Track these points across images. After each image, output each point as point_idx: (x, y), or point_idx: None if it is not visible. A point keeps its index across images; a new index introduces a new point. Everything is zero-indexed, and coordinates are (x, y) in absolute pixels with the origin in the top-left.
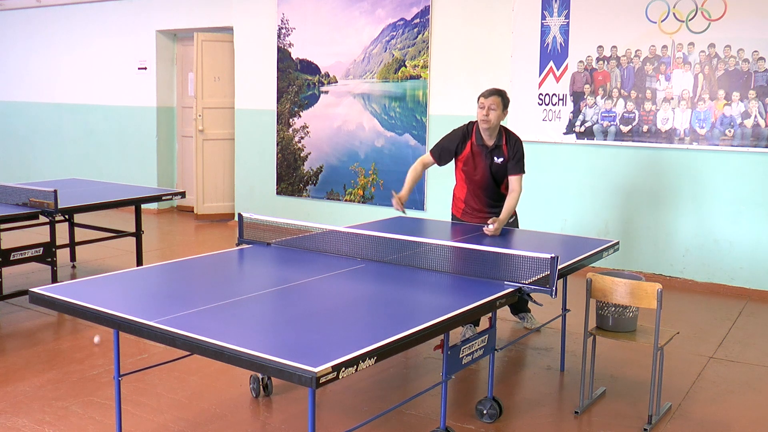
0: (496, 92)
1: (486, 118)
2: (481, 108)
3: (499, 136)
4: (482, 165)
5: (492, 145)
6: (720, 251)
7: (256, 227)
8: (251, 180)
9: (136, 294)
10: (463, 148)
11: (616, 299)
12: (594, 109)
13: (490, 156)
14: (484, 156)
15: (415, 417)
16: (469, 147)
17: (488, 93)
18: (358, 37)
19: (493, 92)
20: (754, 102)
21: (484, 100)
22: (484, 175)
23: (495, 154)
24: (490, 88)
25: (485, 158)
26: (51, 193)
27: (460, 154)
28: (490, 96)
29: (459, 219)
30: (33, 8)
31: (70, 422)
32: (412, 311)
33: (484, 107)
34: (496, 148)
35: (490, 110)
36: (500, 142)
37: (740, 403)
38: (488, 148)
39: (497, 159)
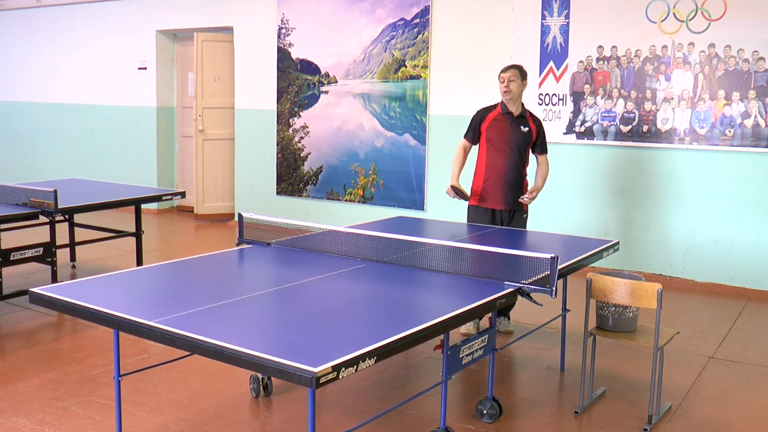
0: (513, 66)
1: (507, 89)
2: (502, 82)
3: (524, 109)
4: (508, 130)
5: (517, 114)
6: (720, 251)
7: (256, 227)
8: (251, 180)
9: (136, 294)
10: (487, 115)
11: (616, 299)
12: (594, 109)
13: (516, 123)
14: (509, 123)
15: (415, 417)
16: (493, 114)
17: (506, 68)
18: (358, 37)
19: (510, 66)
20: (754, 102)
21: (503, 74)
22: (511, 141)
23: (521, 123)
24: (509, 64)
25: (511, 124)
26: (51, 193)
27: (484, 121)
28: (508, 70)
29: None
30: (33, 8)
31: (70, 422)
32: (412, 311)
33: (504, 80)
34: (522, 118)
35: (510, 82)
36: (525, 114)
37: (740, 403)
38: (513, 117)
39: (523, 128)
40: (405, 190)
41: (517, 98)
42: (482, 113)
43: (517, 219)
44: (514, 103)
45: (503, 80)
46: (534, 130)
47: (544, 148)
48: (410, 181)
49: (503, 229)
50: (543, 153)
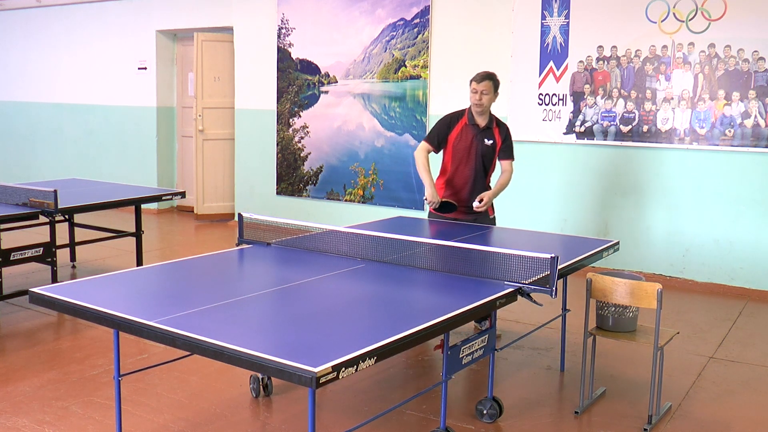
0: (487, 76)
1: (479, 102)
2: (474, 93)
3: (490, 120)
4: (473, 143)
5: (483, 126)
6: (720, 251)
7: (256, 227)
8: (251, 180)
9: (136, 294)
10: (455, 125)
11: (616, 299)
12: (594, 109)
13: (480, 136)
14: (475, 135)
15: (415, 417)
16: (461, 125)
17: (480, 78)
18: (358, 37)
19: (484, 77)
20: (754, 102)
21: (477, 85)
22: (475, 154)
23: (486, 136)
24: (482, 72)
25: (476, 138)
26: (51, 193)
27: (451, 131)
28: (482, 81)
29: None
30: (33, 8)
31: (70, 422)
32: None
33: (477, 92)
34: (487, 130)
35: (482, 95)
36: (491, 125)
37: (740, 403)
38: (479, 128)
39: (487, 141)
40: (405, 190)
41: (486, 111)
42: (450, 121)
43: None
44: (483, 115)
45: (476, 91)
46: (498, 141)
47: (510, 155)
48: (410, 181)
49: (503, 229)
50: (507, 159)
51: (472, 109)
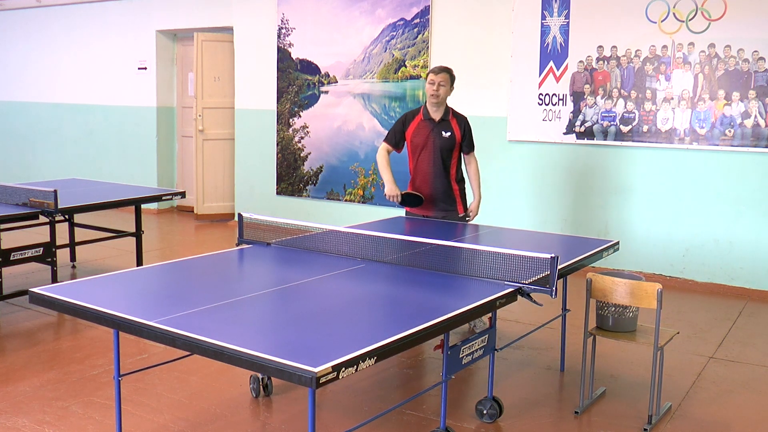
0: (445, 69)
1: (436, 93)
2: (431, 84)
3: (446, 112)
4: (430, 137)
5: (439, 119)
6: (720, 251)
7: (256, 227)
8: (251, 180)
9: (136, 294)
10: (411, 122)
11: (616, 299)
12: (594, 109)
13: (437, 129)
14: (431, 129)
15: (415, 417)
16: (416, 121)
17: (438, 70)
18: (358, 37)
19: (442, 69)
20: (754, 102)
21: (434, 77)
22: (433, 148)
23: (442, 128)
24: (439, 65)
25: (432, 131)
26: (51, 193)
27: (407, 128)
28: (440, 73)
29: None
30: (33, 8)
31: (70, 422)
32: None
33: (434, 83)
34: (443, 122)
35: (440, 86)
36: (447, 117)
37: (740, 403)
38: (435, 122)
39: (445, 133)
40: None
41: (442, 103)
42: (407, 118)
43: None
44: (438, 108)
45: (433, 83)
46: (457, 132)
47: (471, 146)
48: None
49: (503, 228)
50: (469, 152)
51: (428, 101)
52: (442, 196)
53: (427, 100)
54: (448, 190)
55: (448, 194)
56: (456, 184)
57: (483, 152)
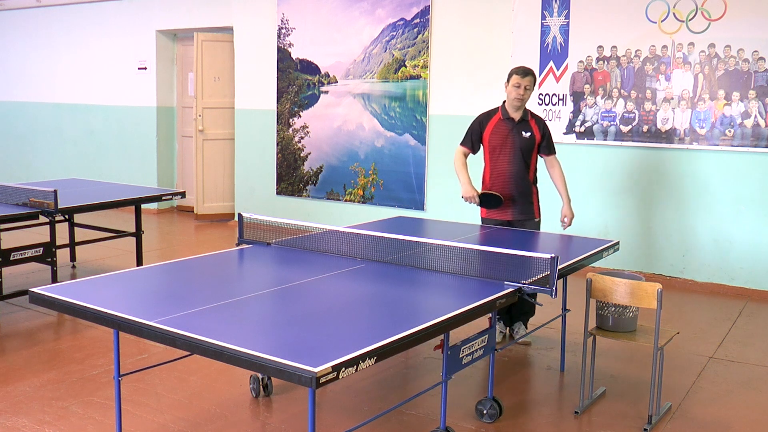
0: (531, 72)
1: (521, 97)
2: (517, 87)
3: (525, 113)
4: (510, 137)
5: (518, 119)
6: (720, 251)
7: (256, 227)
8: (251, 180)
9: (136, 294)
10: (488, 123)
11: (616, 299)
12: (594, 109)
13: (517, 129)
14: (511, 129)
15: (415, 417)
16: (494, 121)
17: (524, 72)
18: (358, 37)
19: (528, 72)
20: (754, 102)
21: (521, 80)
22: (512, 148)
23: (522, 128)
24: (524, 67)
25: (512, 131)
26: (51, 193)
27: (485, 128)
28: (526, 76)
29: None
30: (33, 8)
31: (70, 422)
32: (412, 311)
33: (520, 86)
34: (523, 122)
35: (526, 90)
36: (526, 117)
37: (740, 403)
38: (515, 122)
39: (525, 133)
40: (405, 190)
41: (523, 105)
42: (482, 120)
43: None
44: (519, 109)
45: (519, 85)
46: (537, 133)
47: (551, 149)
48: (410, 181)
49: (503, 228)
50: (550, 154)
51: (512, 103)
52: (520, 197)
53: (507, 101)
54: (527, 192)
55: (526, 196)
56: (534, 186)
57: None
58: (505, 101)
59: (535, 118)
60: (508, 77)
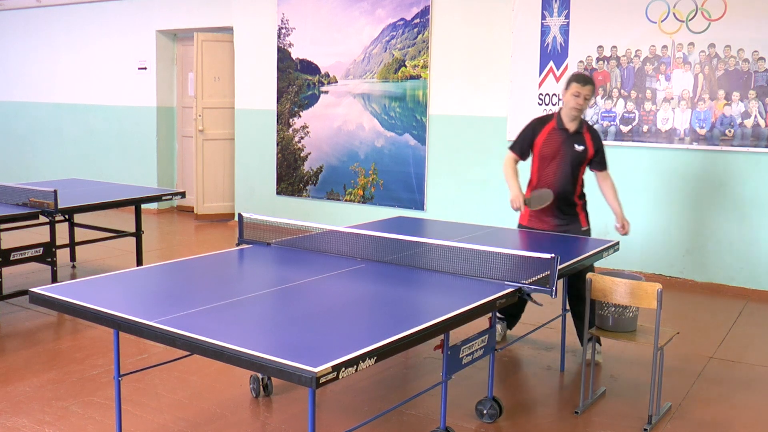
0: (592, 81)
1: (580, 107)
2: (576, 96)
3: (580, 125)
4: (562, 148)
5: (573, 130)
6: (720, 251)
7: (256, 227)
8: (251, 180)
9: (136, 294)
10: (541, 130)
11: (616, 299)
12: (594, 109)
13: (570, 141)
14: (564, 140)
15: (415, 417)
16: (547, 129)
17: (584, 81)
18: (358, 37)
19: (589, 80)
20: (754, 102)
21: (581, 88)
22: (563, 160)
23: (576, 141)
24: (584, 75)
25: (565, 142)
26: (51, 193)
27: (537, 135)
28: (587, 84)
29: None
30: (33, 8)
31: (70, 422)
32: (412, 311)
33: (580, 95)
34: (577, 134)
35: (585, 99)
36: (581, 129)
37: (740, 403)
38: (569, 133)
39: (578, 146)
40: (405, 190)
41: (579, 116)
42: (536, 126)
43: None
44: (575, 120)
45: (579, 95)
46: (590, 147)
47: (604, 164)
48: (410, 181)
49: (503, 229)
50: (602, 169)
51: (569, 112)
52: (563, 207)
53: (563, 109)
54: (571, 204)
55: (571, 208)
56: (579, 199)
57: (483, 152)
58: (561, 109)
59: (591, 132)
60: (567, 84)
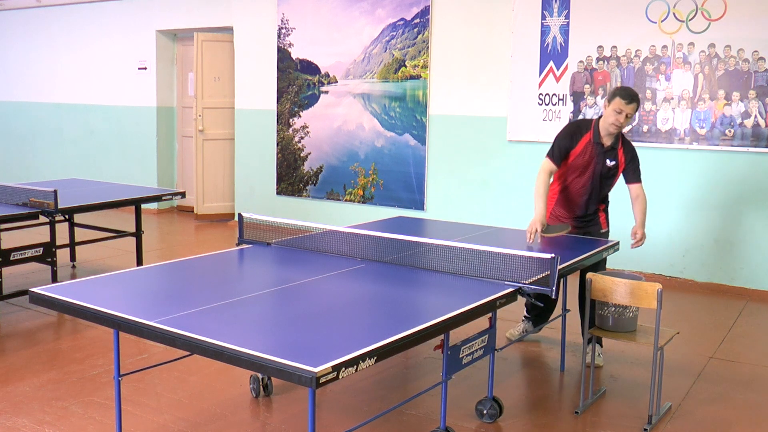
0: (637, 99)
1: (619, 124)
2: (618, 112)
3: (616, 140)
4: (593, 163)
5: (608, 146)
6: (720, 251)
7: (256, 227)
8: (251, 180)
9: (136, 294)
10: (579, 139)
11: (616, 299)
12: (594, 109)
13: (603, 156)
14: (597, 154)
15: (415, 417)
16: (585, 141)
17: (630, 98)
18: (358, 37)
19: (635, 98)
20: (754, 102)
21: (624, 106)
22: (592, 173)
23: (609, 156)
24: (630, 92)
25: (598, 156)
26: (51, 193)
27: (575, 146)
28: (631, 103)
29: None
30: (33, 8)
31: (70, 422)
32: (412, 311)
33: (622, 113)
34: (611, 150)
35: (627, 117)
36: (616, 145)
37: (740, 403)
38: (603, 148)
39: (609, 161)
40: (405, 190)
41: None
42: (575, 134)
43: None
44: (612, 136)
45: (621, 111)
46: (621, 163)
47: (637, 176)
48: (410, 181)
49: (503, 228)
50: (634, 182)
51: (607, 128)
52: (584, 215)
53: (602, 122)
54: (594, 213)
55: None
56: (602, 212)
57: (483, 152)
58: (599, 120)
59: (625, 147)
60: (611, 97)
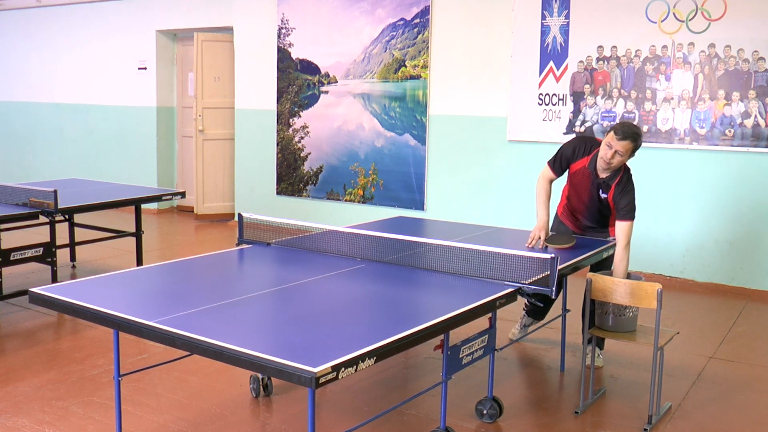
0: (631, 137)
1: (608, 161)
2: (608, 147)
3: (614, 174)
4: (587, 189)
5: (602, 179)
6: (720, 251)
7: (256, 227)
8: (251, 180)
9: (136, 294)
10: (580, 158)
11: (616, 299)
12: (594, 109)
13: (596, 187)
14: (591, 183)
15: (415, 417)
16: (583, 162)
17: (623, 135)
18: (358, 37)
19: (627, 136)
20: (754, 102)
21: (615, 142)
22: (590, 201)
23: (602, 189)
24: (627, 128)
25: (592, 185)
26: (51, 193)
27: (575, 161)
28: (623, 140)
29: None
30: (33, 8)
31: (70, 422)
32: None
33: (611, 148)
34: (605, 185)
35: (616, 154)
36: (612, 181)
37: (740, 403)
38: (598, 178)
39: (602, 194)
40: (405, 190)
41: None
42: (577, 149)
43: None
44: (606, 171)
45: (611, 147)
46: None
47: (623, 214)
48: (410, 181)
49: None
50: (622, 219)
51: (599, 161)
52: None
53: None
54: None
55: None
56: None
57: (483, 152)
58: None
59: (622, 184)
60: (609, 130)
